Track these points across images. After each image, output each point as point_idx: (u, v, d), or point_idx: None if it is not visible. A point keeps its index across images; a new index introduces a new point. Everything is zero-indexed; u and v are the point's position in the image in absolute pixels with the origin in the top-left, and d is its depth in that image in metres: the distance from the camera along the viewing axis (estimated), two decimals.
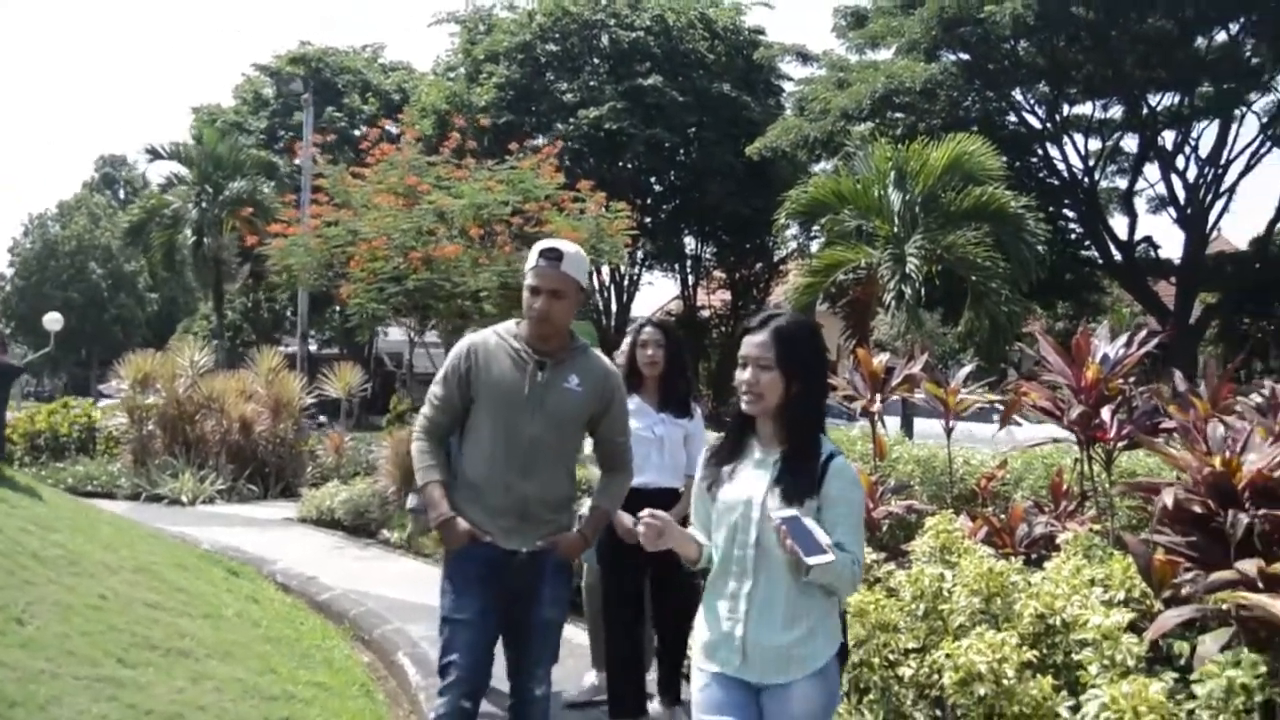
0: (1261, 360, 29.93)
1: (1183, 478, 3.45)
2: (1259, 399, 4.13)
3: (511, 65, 28.97)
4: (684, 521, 2.96)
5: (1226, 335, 30.61)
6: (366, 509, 10.43)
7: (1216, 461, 3.25)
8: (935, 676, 3.75)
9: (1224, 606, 3.02)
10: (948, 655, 3.57)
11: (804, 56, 29.27)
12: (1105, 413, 4.57)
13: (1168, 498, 3.28)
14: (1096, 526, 4.53)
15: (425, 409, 3.64)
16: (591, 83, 28.53)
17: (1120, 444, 4.56)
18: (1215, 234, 27.44)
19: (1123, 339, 4.66)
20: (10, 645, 3.73)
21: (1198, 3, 21.11)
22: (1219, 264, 26.69)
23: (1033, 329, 26.07)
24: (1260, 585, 2.87)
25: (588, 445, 3.87)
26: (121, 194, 62.16)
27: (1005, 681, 3.37)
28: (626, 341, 4.99)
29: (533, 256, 3.51)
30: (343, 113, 34.14)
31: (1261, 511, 3.14)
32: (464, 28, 32.17)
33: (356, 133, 33.10)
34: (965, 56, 23.36)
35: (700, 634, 2.84)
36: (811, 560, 2.51)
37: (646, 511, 2.77)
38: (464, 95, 28.86)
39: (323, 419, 19.32)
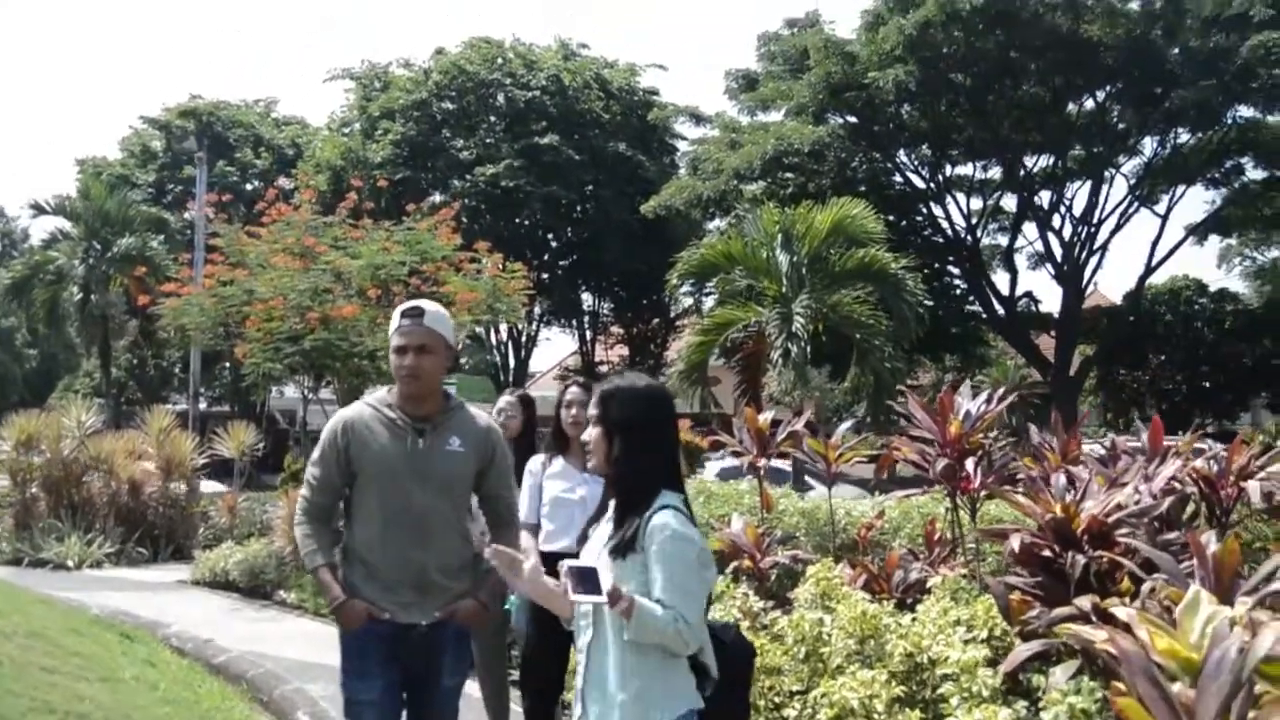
0: (1139, 409, 31.41)
1: (1028, 524, 3.80)
2: (1101, 451, 4.54)
3: (408, 122, 29.16)
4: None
5: (1105, 385, 32.14)
6: (263, 570, 10.33)
7: (1058, 508, 3.61)
8: (816, 715, 4.01)
9: (1067, 640, 3.35)
10: (824, 694, 3.83)
11: (697, 118, 30.19)
12: (969, 464, 4.94)
13: (1015, 542, 3.63)
14: (963, 571, 4.88)
15: (304, 490, 3.59)
16: (488, 140, 28.91)
17: (983, 493, 4.92)
18: (1092, 289, 28.91)
19: (983, 396, 5.06)
20: None
21: (1067, 71, 22.50)
22: (1095, 318, 28.11)
23: (922, 382, 26.97)
24: (1094, 619, 3.20)
25: None
26: None
27: (875, 716, 3.66)
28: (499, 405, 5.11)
29: (395, 318, 3.52)
30: (235, 167, 33.79)
31: (1097, 553, 3.50)
32: (359, 84, 32.27)
33: (249, 187, 32.86)
34: (852, 119, 24.41)
35: None
36: (575, 597, 2.61)
37: (496, 547, 2.86)
38: (360, 151, 28.90)
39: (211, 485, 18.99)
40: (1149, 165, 25.31)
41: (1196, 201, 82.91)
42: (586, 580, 2.58)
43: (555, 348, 75.83)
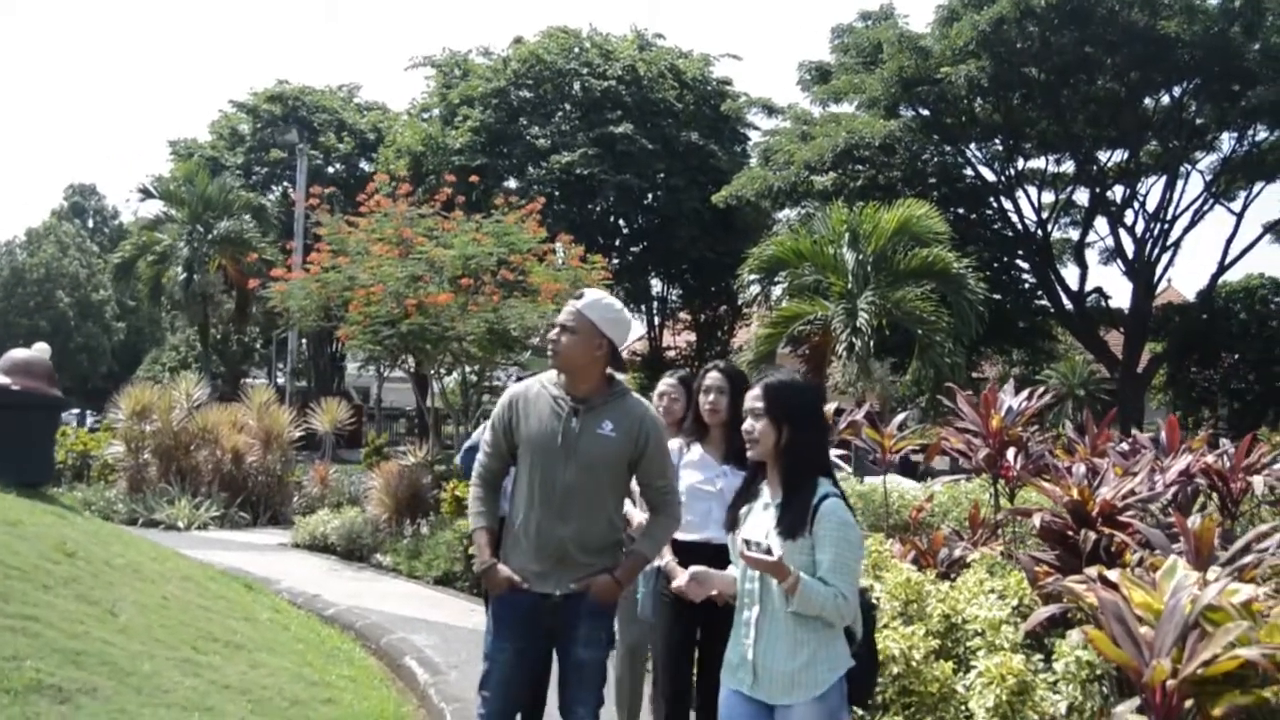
0: (1210, 409, 31.17)
1: (1050, 506, 4.41)
2: (1125, 446, 5.11)
3: (486, 110, 29.82)
4: None
5: (1175, 383, 31.90)
6: (359, 535, 11.21)
7: (1075, 492, 4.21)
8: None
9: (1074, 602, 3.96)
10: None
11: (769, 109, 30.49)
12: (1010, 454, 5.53)
13: (1036, 520, 4.24)
14: (999, 548, 5.47)
15: (480, 455, 3.87)
16: (564, 128, 29.48)
17: (1020, 480, 5.51)
18: (1165, 285, 28.71)
19: (1025, 393, 5.63)
20: (112, 631, 4.57)
21: (1143, 67, 22.47)
22: (1166, 314, 27.93)
23: (988, 375, 27.16)
24: (1099, 585, 3.81)
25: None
26: (90, 223, 62.26)
27: (914, 664, 4.29)
28: (660, 388, 4.95)
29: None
30: (318, 150, 34.92)
31: (1107, 531, 4.10)
32: (440, 72, 33.04)
33: (330, 170, 33.99)
34: (924, 113, 24.58)
35: (727, 654, 3.24)
36: (751, 553, 2.91)
37: (693, 569, 3.16)
38: (439, 138, 29.68)
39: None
40: (1226, 161, 25.07)
41: (1274, 199, 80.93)
42: (759, 552, 2.93)
43: None
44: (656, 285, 33.36)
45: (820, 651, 3.01)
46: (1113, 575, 3.26)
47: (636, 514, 4.30)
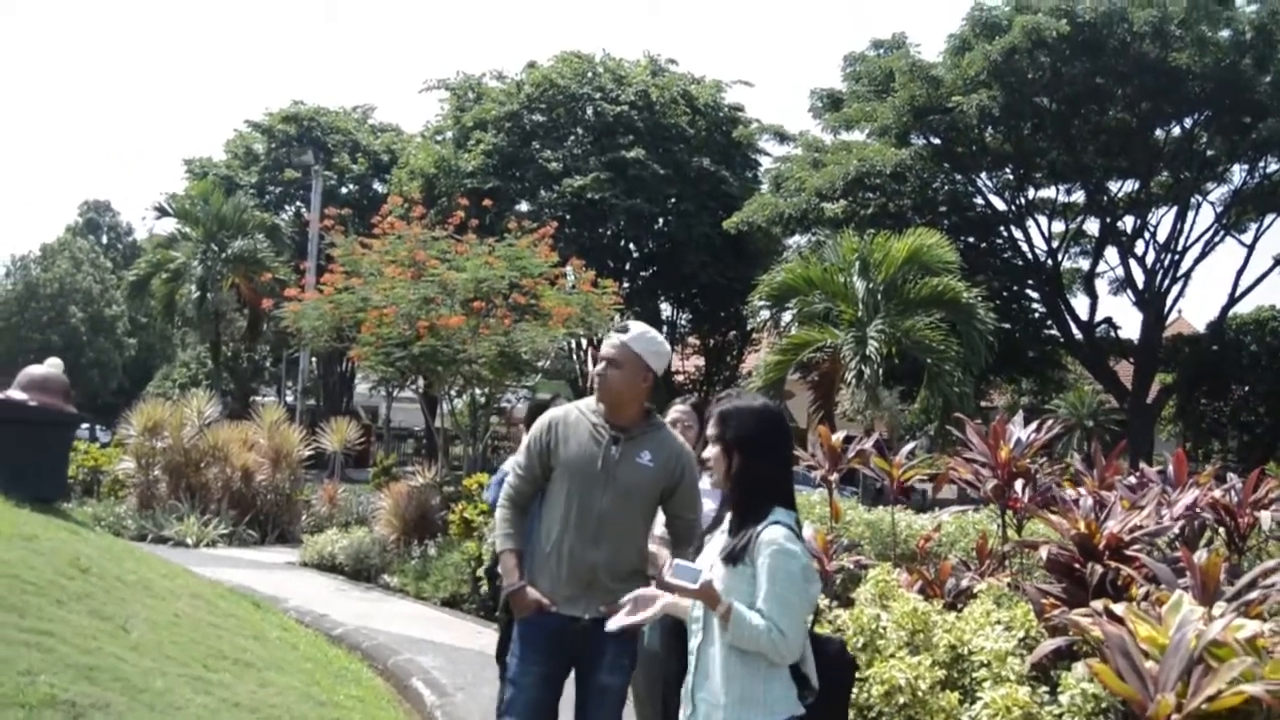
0: (1219, 441, 31.06)
1: (1057, 539, 4.43)
2: (1133, 479, 5.13)
3: (499, 133, 29.97)
4: None
5: (1185, 414, 31.79)
6: (367, 555, 11.26)
7: (1082, 525, 4.23)
8: (869, 693, 4.68)
9: (1079, 635, 3.98)
10: (876, 674, 4.50)
11: (781, 135, 30.63)
12: (1018, 485, 5.55)
13: (1043, 552, 4.26)
14: (1007, 579, 5.49)
15: (511, 478, 3.88)
16: (576, 152, 29.62)
17: (1027, 512, 5.53)
18: (1176, 316, 28.67)
19: (1033, 425, 5.66)
20: (124, 647, 4.61)
21: (1154, 98, 22.56)
22: (1176, 346, 27.89)
23: (997, 404, 27.06)
24: (1105, 618, 3.83)
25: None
26: (104, 239, 62.67)
27: (919, 694, 4.31)
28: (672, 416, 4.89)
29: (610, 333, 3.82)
30: (332, 171, 35.17)
31: (1113, 564, 4.13)
32: (454, 95, 33.23)
33: (344, 190, 34.22)
34: (935, 141, 24.68)
35: None
36: (670, 578, 2.77)
37: (638, 592, 3.02)
38: (451, 160, 29.85)
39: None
40: (1237, 193, 25.13)
41: None
42: (686, 576, 2.78)
43: None
44: (666, 310, 33.38)
45: (752, 690, 2.80)
46: (1118, 609, 3.29)
47: (662, 552, 4.26)
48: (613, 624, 3.01)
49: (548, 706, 3.72)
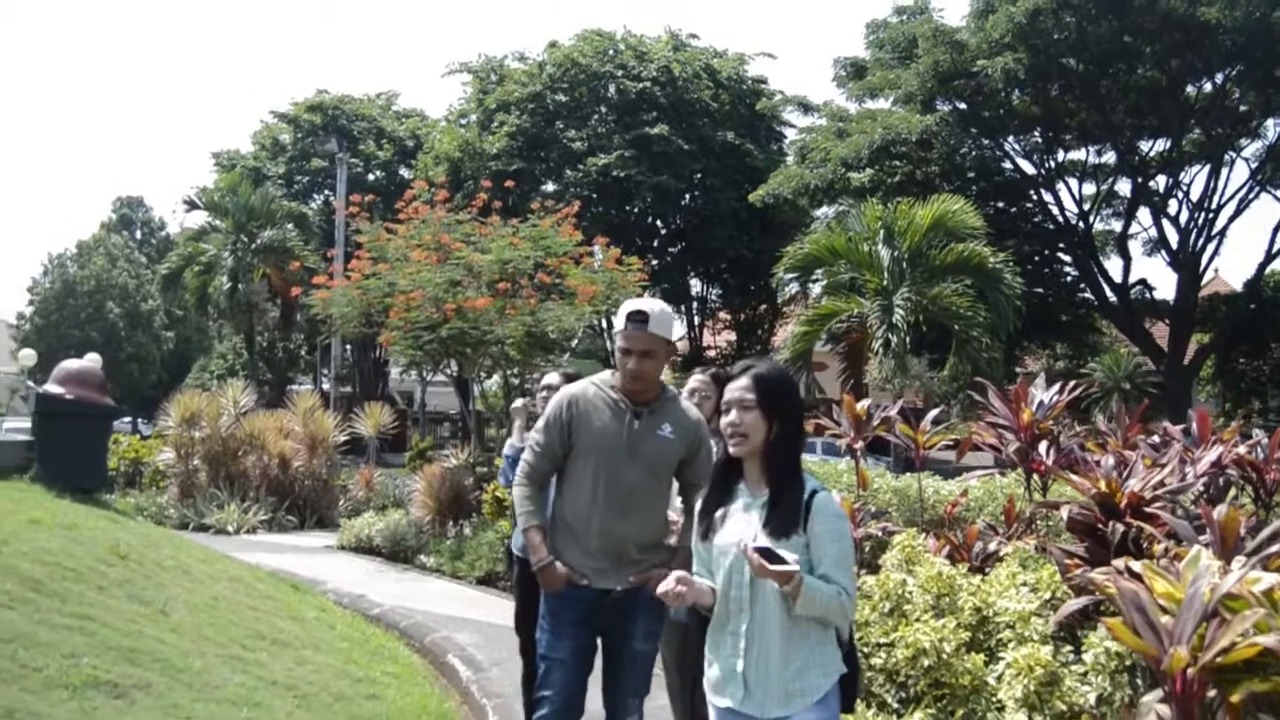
0: (1260, 400, 30.62)
1: (1079, 499, 4.44)
2: (1156, 439, 5.12)
3: (522, 114, 29.97)
4: None
5: (1223, 374, 31.34)
6: (403, 537, 11.40)
7: (1103, 485, 4.23)
8: (895, 656, 4.71)
9: (1104, 593, 3.98)
10: (901, 637, 4.53)
11: (805, 106, 30.43)
12: (1041, 447, 5.55)
13: (1064, 513, 4.27)
14: (1033, 541, 5.49)
15: (527, 455, 3.86)
16: (600, 131, 29.61)
17: (1050, 474, 5.53)
18: (1212, 275, 28.24)
19: (1055, 388, 5.65)
20: (164, 630, 4.74)
21: (1184, 54, 22.18)
22: (1212, 305, 27.51)
23: (1032, 370, 26.89)
24: (1123, 575, 3.84)
25: None
26: (138, 234, 63.25)
27: (944, 656, 4.34)
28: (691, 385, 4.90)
29: (620, 319, 3.73)
30: (358, 158, 35.32)
31: (1135, 523, 4.13)
32: (476, 78, 33.25)
33: (371, 177, 34.39)
34: (961, 106, 24.42)
35: (709, 670, 3.02)
36: (772, 567, 2.64)
37: (674, 575, 2.87)
38: (476, 143, 29.92)
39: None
40: (1271, 148, 24.68)
41: None
42: (767, 558, 2.67)
43: None
44: (696, 285, 33.38)
45: (813, 657, 2.84)
46: (1136, 566, 3.30)
47: (673, 514, 4.33)
48: (662, 589, 2.91)
49: (582, 678, 3.77)
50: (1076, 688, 3.93)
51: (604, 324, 29.26)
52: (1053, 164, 26.57)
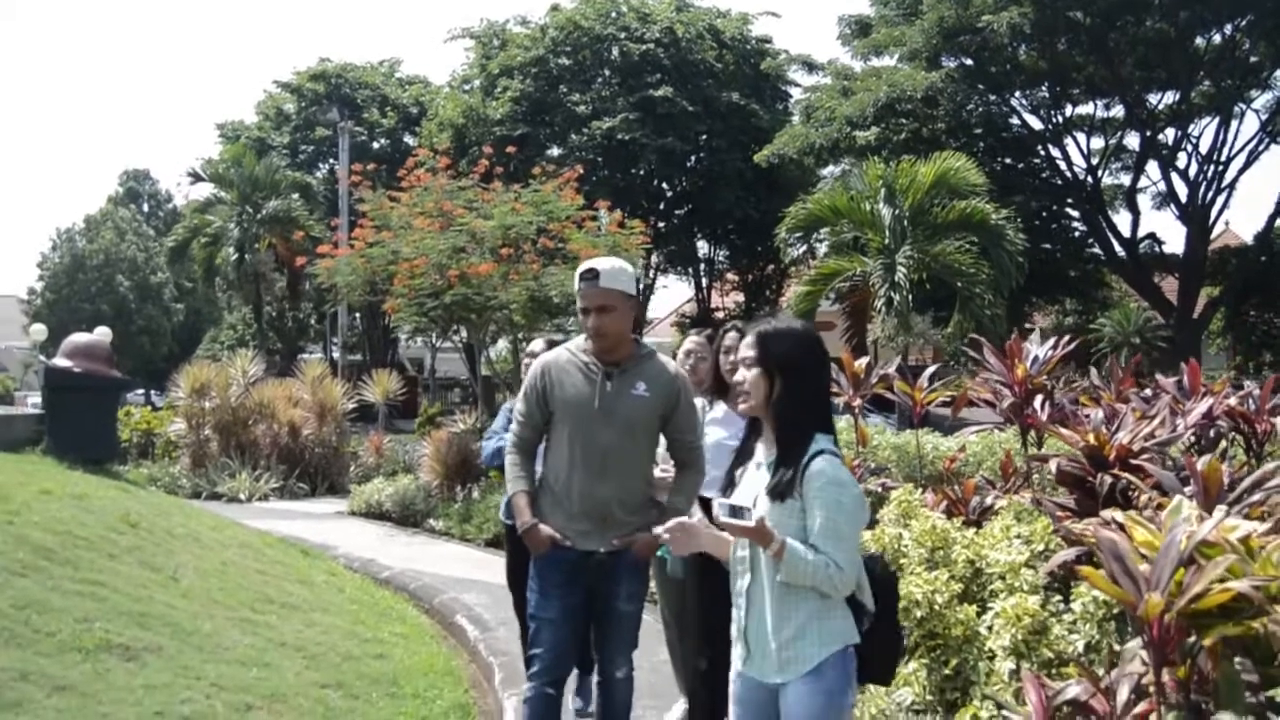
0: (1271, 352, 30.52)
1: (1068, 450, 4.49)
2: (1149, 392, 5.16)
3: (525, 79, 29.83)
4: None
5: (1234, 327, 31.20)
6: (412, 501, 11.54)
7: (1091, 437, 4.29)
8: None
9: (1086, 542, 4.05)
10: None
11: (810, 65, 30.24)
12: (1036, 402, 5.60)
13: (1053, 465, 4.33)
14: (1029, 495, 5.55)
15: (514, 425, 3.98)
16: (604, 94, 29.43)
17: (1043, 429, 5.58)
18: (1222, 228, 28.05)
19: (1050, 342, 5.69)
20: (174, 595, 4.85)
21: (1193, 5, 21.89)
22: (1223, 258, 27.35)
23: (1042, 326, 26.77)
24: (1113, 528, 3.90)
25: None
26: (145, 207, 63.23)
27: (937, 608, 4.42)
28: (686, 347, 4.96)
29: (575, 280, 3.80)
30: (362, 126, 35.22)
31: (1123, 475, 4.18)
32: (479, 43, 33.06)
33: (375, 145, 34.31)
34: (967, 62, 24.21)
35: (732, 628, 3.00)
36: (725, 520, 2.64)
37: (672, 522, 2.91)
38: (480, 109, 29.80)
39: None
40: None
41: None
42: (737, 515, 2.66)
43: (672, 295, 77.12)
44: (703, 247, 33.34)
45: (809, 625, 2.74)
46: (1119, 516, 3.36)
47: (658, 472, 4.39)
48: (662, 529, 2.96)
49: (570, 638, 3.85)
50: (1064, 636, 4.00)
51: None
52: (1060, 119, 26.34)
